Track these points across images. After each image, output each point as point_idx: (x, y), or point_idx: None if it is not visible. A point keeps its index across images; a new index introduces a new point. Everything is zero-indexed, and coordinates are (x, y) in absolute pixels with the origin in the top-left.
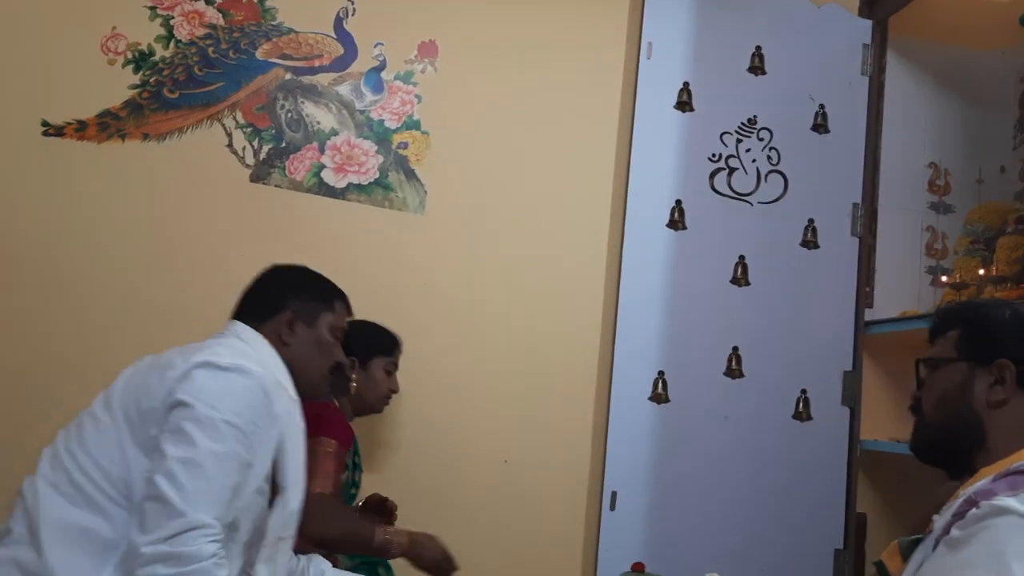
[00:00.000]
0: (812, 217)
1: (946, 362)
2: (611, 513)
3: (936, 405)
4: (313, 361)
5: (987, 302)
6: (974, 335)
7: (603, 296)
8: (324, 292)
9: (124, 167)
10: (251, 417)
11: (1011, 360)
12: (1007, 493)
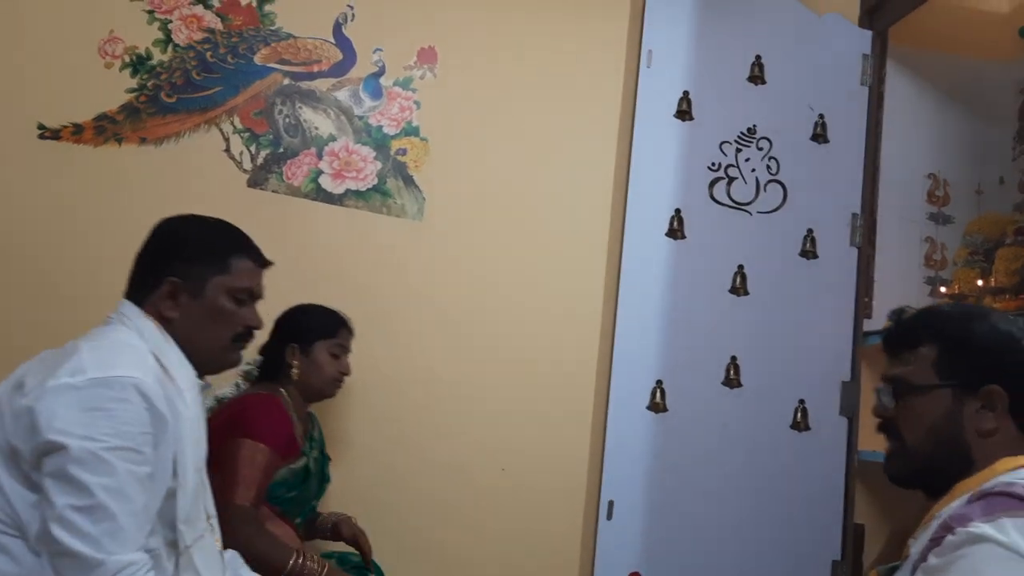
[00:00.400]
0: (811, 227)
1: (927, 389)
2: (608, 522)
3: (924, 436)
4: (207, 333)
5: (960, 313)
6: (957, 357)
7: (602, 304)
8: (212, 250)
9: (121, 171)
10: (135, 430)
11: (1000, 384)
12: (982, 519)
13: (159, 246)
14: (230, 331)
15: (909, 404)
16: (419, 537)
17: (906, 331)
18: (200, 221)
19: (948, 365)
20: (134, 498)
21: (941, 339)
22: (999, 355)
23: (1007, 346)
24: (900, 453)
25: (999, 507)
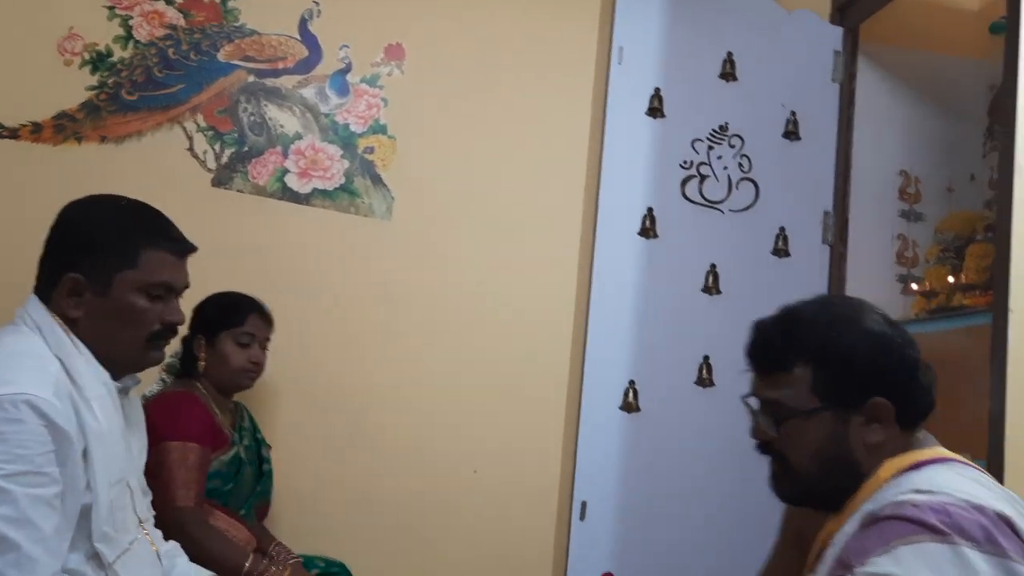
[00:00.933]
0: (783, 225)
1: (809, 413)
2: (581, 523)
3: (810, 460)
4: (117, 334)
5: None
6: (835, 377)
7: (574, 305)
8: (118, 241)
9: (81, 170)
10: (33, 451)
11: (883, 396)
12: (879, 551)
13: (60, 236)
14: (144, 330)
15: (791, 429)
16: (390, 540)
17: (776, 352)
18: (107, 206)
19: (827, 386)
20: (40, 524)
21: (815, 359)
22: (877, 365)
23: (883, 352)
24: (786, 476)
25: (893, 535)
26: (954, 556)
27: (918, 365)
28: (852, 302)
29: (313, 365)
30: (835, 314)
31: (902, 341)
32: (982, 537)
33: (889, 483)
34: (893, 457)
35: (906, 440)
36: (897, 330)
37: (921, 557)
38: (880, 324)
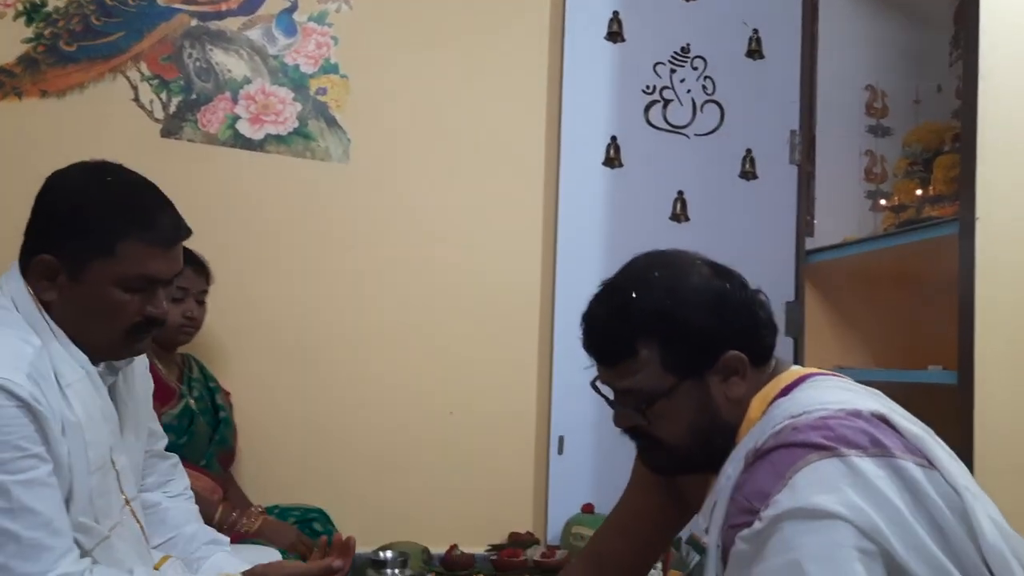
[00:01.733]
0: (750, 147)
1: (669, 391)
2: (559, 457)
3: (683, 433)
4: (92, 325)
5: (657, 293)
6: (681, 347)
7: (541, 240)
8: (96, 226)
9: (23, 127)
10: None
11: (736, 348)
12: (778, 487)
13: (39, 208)
14: (121, 323)
15: (657, 412)
16: (367, 484)
17: (614, 341)
18: (91, 182)
19: (677, 359)
20: (37, 508)
21: (655, 336)
22: (718, 322)
23: (719, 306)
24: (659, 450)
25: (783, 466)
26: (844, 468)
27: (755, 302)
28: (673, 262)
29: (279, 313)
30: (661, 284)
31: (732, 285)
32: (867, 442)
33: (762, 419)
34: (758, 393)
35: (763, 374)
36: (725, 276)
37: (815, 479)
38: (705, 276)
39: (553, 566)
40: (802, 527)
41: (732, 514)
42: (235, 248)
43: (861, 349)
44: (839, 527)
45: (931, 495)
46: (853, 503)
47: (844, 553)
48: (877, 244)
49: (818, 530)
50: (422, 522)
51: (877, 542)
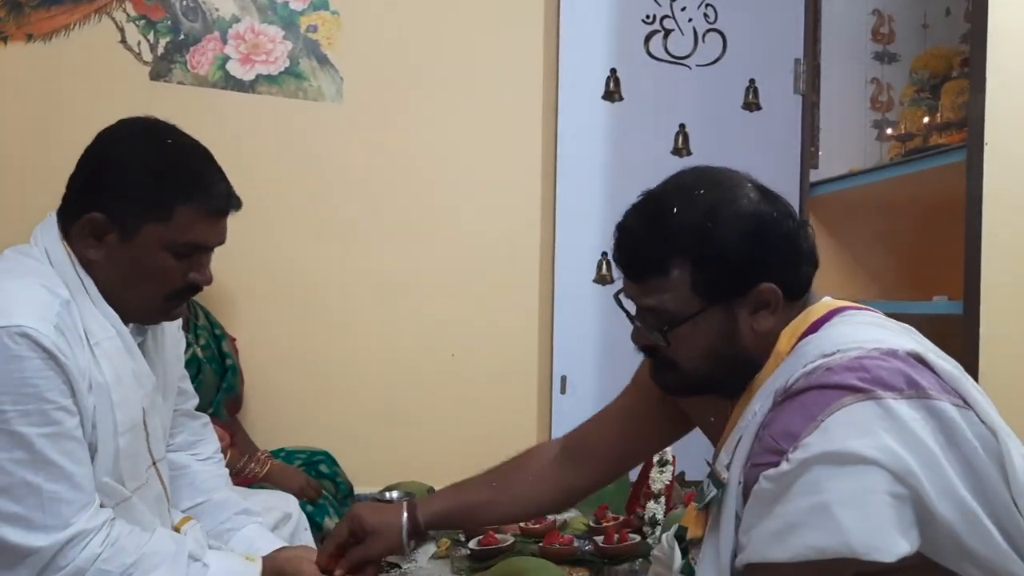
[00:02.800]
0: (753, 77)
1: (694, 315)
2: (562, 397)
3: (701, 359)
4: (134, 288)
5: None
6: (714, 273)
7: (540, 178)
8: (156, 189)
9: (9, 73)
10: (40, 388)
11: (769, 282)
12: (808, 429)
13: (92, 165)
14: (164, 288)
15: (678, 335)
16: (372, 427)
17: (647, 255)
18: (151, 143)
19: (707, 284)
20: (60, 461)
21: (691, 258)
22: (757, 251)
23: (761, 234)
24: (673, 372)
25: (816, 408)
26: (880, 411)
27: (798, 234)
28: (722, 182)
29: (277, 257)
30: (705, 203)
31: (778, 214)
32: (903, 383)
33: (791, 354)
34: (787, 326)
35: (795, 307)
36: (773, 203)
37: (849, 423)
38: (753, 201)
39: None
40: (833, 471)
41: (757, 452)
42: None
43: (866, 281)
44: (873, 472)
45: (966, 435)
46: (888, 447)
47: (876, 499)
48: (883, 174)
49: (850, 475)
50: (427, 462)
51: (909, 485)
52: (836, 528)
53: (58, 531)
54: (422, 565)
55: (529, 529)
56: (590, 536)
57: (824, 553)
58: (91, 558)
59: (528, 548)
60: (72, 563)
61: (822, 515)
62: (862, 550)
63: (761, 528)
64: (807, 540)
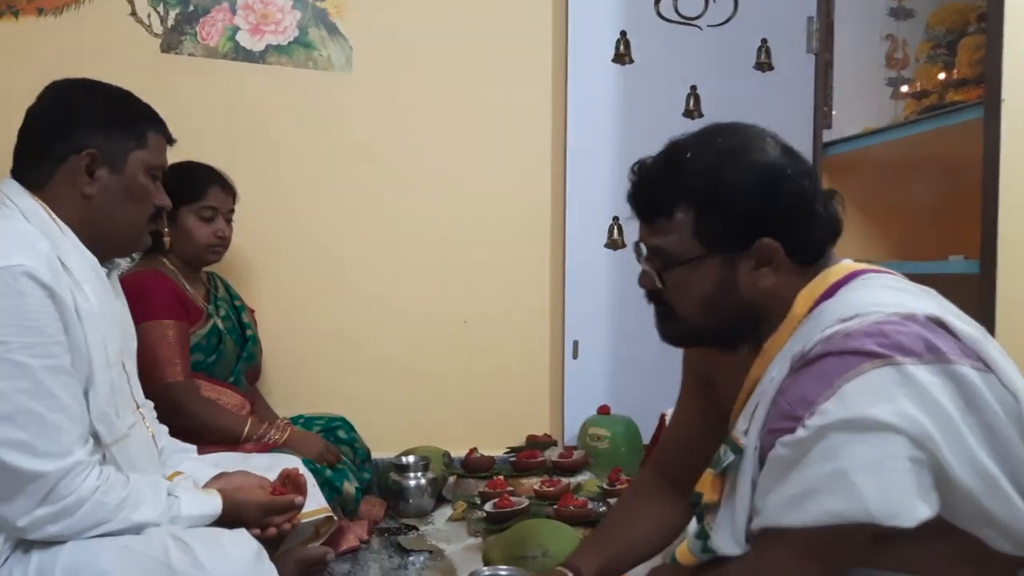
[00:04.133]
0: (765, 36)
1: (693, 260)
2: (574, 361)
3: (697, 308)
4: (125, 214)
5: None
6: (716, 220)
7: (551, 143)
8: (130, 120)
9: (21, 47)
10: (40, 322)
11: (771, 238)
12: (825, 395)
13: (69, 114)
14: (147, 211)
15: (675, 278)
16: (388, 393)
17: (655, 195)
18: (107, 88)
19: (709, 230)
20: (58, 393)
21: (695, 201)
22: (762, 205)
23: (769, 189)
24: (672, 320)
25: (834, 374)
26: (899, 376)
27: (815, 196)
28: (742, 133)
29: (290, 227)
30: (719, 151)
31: (795, 172)
32: (922, 348)
33: (808, 317)
34: (804, 288)
35: (810, 270)
36: (791, 160)
37: (867, 389)
38: (769, 156)
39: (570, 467)
40: (851, 438)
41: (773, 418)
42: (241, 163)
43: (881, 241)
44: (891, 438)
45: (987, 399)
46: (907, 413)
47: (895, 464)
48: (898, 133)
49: (868, 441)
50: (442, 427)
51: (928, 450)
52: (855, 494)
53: (60, 458)
54: (439, 527)
55: (544, 492)
56: (604, 498)
57: (842, 518)
58: (91, 489)
59: (543, 510)
60: (74, 492)
61: (840, 481)
62: (881, 516)
63: (777, 494)
64: (825, 506)
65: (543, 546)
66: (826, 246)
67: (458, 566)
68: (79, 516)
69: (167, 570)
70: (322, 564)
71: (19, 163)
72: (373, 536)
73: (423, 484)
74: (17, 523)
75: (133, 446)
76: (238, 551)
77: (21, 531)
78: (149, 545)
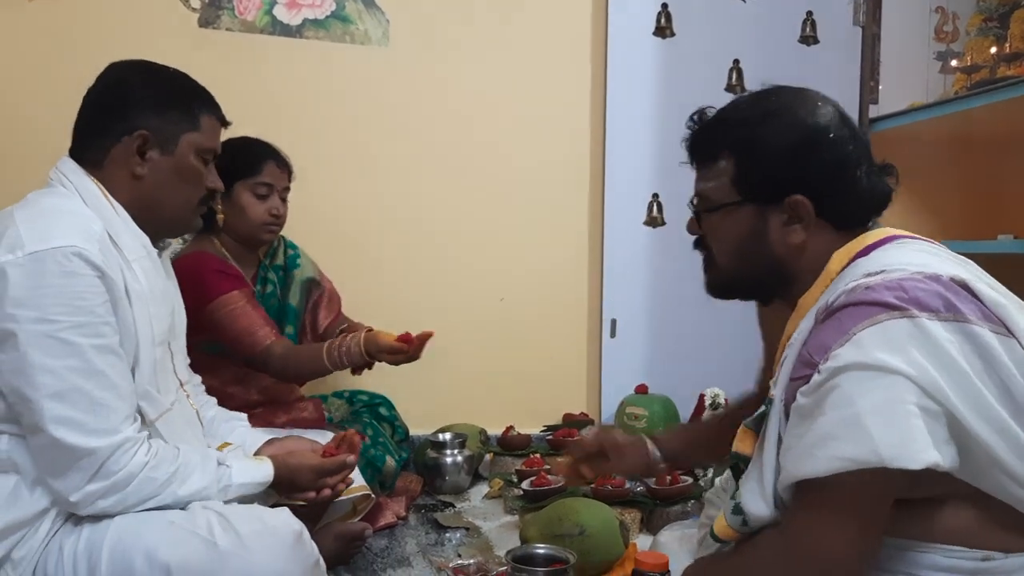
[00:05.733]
0: (810, 9)
1: (728, 206)
2: (612, 340)
3: (731, 256)
4: (175, 195)
5: (757, 114)
6: (754, 170)
7: (590, 118)
8: (184, 104)
9: (60, 22)
10: (90, 302)
11: (803, 195)
12: (839, 343)
13: (124, 95)
14: (198, 193)
15: (713, 222)
16: (427, 371)
17: (703, 141)
18: (163, 70)
19: (746, 179)
20: (107, 371)
21: (737, 150)
22: (797, 161)
23: (810, 147)
24: (712, 269)
25: (850, 322)
26: (914, 328)
27: (857, 164)
28: (796, 94)
29: (326, 202)
30: (766, 107)
31: (839, 138)
32: (940, 305)
33: (841, 274)
34: (840, 249)
35: (849, 234)
36: (840, 127)
37: (881, 337)
38: (815, 119)
39: None
40: (862, 381)
41: (795, 367)
42: (276, 138)
43: (928, 220)
44: (900, 383)
45: (1004, 361)
46: (917, 362)
47: (904, 409)
48: (946, 109)
49: (879, 385)
50: (479, 405)
51: (940, 403)
52: (865, 437)
53: (110, 435)
54: (475, 504)
55: None
56: (642, 478)
57: (855, 463)
58: (140, 465)
59: (580, 489)
60: (124, 468)
61: (852, 426)
62: (891, 458)
63: (796, 446)
64: (838, 451)
65: (580, 524)
66: (868, 215)
67: (494, 543)
68: (129, 491)
69: (212, 547)
70: (360, 540)
71: (77, 142)
72: (410, 512)
73: (460, 461)
74: (70, 498)
75: (176, 421)
76: (280, 529)
77: (73, 506)
78: (194, 523)
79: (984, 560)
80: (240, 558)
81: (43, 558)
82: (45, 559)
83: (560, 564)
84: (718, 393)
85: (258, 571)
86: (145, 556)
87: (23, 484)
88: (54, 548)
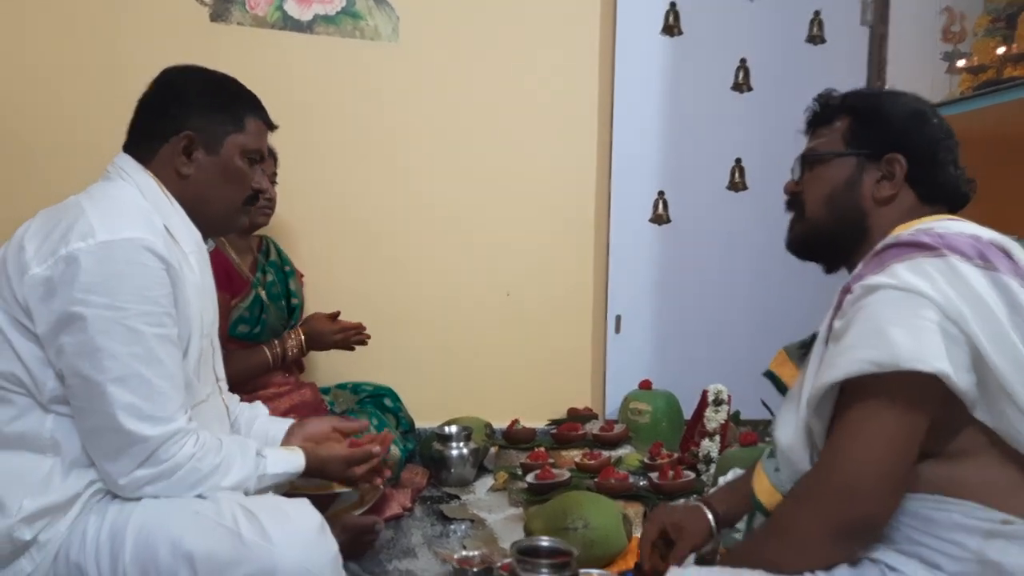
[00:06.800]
0: (818, 8)
1: (832, 156)
2: (616, 335)
3: (822, 203)
4: (220, 195)
5: (877, 91)
6: (865, 126)
7: (597, 115)
8: (230, 106)
9: (74, 15)
10: (155, 293)
11: (902, 154)
12: (875, 273)
13: (173, 97)
14: (242, 193)
15: (815, 173)
16: (433, 364)
17: (825, 106)
18: (212, 74)
19: (856, 134)
20: (166, 360)
21: (854, 112)
22: (905, 127)
23: (914, 120)
24: (799, 222)
25: (889, 258)
26: (944, 266)
27: (952, 155)
28: (907, 92)
29: (336, 196)
30: (886, 90)
31: (942, 127)
32: (974, 253)
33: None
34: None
35: (919, 211)
36: (944, 123)
37: (913, 268)
38: (921, 102)
39: (611, 440)
40: (889, 298)
41: (837, 300)
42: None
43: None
44: (923, 302)
45: None
46: (944, 291)
47: (924, 324)
48: (953, 109)
49: (904, 302)
50: (485, 399)
51: (962, 329)
52: (886, 342)
53: (164, 424)
54: (480, 496)
55: (585, 464)
56: (645, 472)
57: (876, 365)
58: (188, 456)
59: (584, 483)
60: (172, 458)
61: (874, 335)
62: (908, 360)
63: (826, 361)
64: (860, 355)
65: (584, 518)
66: (947, 202)
67: (499, 535)
68: (174, 480)
69: (236, 538)
70: (372, 534)
71: (131, 139)
72: (416, 504)
73: (465, 454)
74: (119, 480)
75: (207, 414)
76: (303, 522)
77: (120, 488)
78: (219, 514)
79: (1003, 523)
80: (264, 549)
81: (67, 542)
82: (69, 543)
83: (564, 557)
84: (721, 389)
85: (281, 563)
86: (170, 545)
87: (57, 469)
88: (78, 533)
